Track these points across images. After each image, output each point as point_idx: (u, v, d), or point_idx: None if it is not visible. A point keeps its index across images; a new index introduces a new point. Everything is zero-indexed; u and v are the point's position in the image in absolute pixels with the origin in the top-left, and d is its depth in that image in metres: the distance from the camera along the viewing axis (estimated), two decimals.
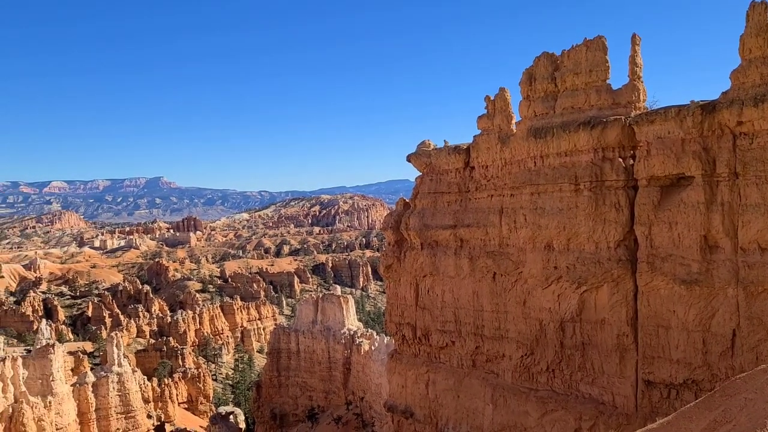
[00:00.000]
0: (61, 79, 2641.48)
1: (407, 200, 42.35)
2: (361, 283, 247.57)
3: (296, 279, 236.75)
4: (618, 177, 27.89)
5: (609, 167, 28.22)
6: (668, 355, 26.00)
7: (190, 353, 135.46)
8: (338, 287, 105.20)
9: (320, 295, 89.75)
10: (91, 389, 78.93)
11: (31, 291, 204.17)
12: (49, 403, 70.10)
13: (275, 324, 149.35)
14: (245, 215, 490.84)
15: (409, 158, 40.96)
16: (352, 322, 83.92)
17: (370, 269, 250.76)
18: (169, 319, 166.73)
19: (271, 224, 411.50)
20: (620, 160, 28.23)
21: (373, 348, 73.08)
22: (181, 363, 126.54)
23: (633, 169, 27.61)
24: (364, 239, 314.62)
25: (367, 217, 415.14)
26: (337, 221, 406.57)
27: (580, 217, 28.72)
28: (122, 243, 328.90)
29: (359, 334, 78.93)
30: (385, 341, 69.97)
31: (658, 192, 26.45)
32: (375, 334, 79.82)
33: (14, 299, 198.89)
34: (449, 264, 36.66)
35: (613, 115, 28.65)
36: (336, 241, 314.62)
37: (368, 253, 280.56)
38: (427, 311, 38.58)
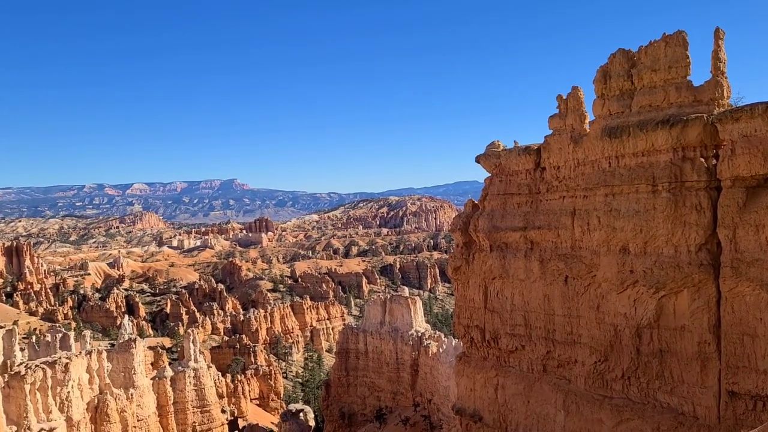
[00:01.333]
0: (141, 84, 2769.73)
1: (476, 202, 41.92)
2: (428, 284, 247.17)
3: (364, 280, 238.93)
4: (699, 177, 26.64)
5: (689, 167, 26.99)
6: (754, 365, 24.61)
7: (261, 351, 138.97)
8: (406, 288, 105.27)
9: (388, 296, 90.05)
10: (169, 383, 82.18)
11: (114, 288, 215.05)
12: (131, 395, 73.46)
13: (344, 324, 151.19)
14: (315, 216, 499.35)
15: (478, 159, 40.53)
16: (420, 323, 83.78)
17: (437, 271, 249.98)
18: (242, 317, 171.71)
19: (339, 225, 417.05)
20: (702, 159, 26.95)
21: (440, 350, 72.74)
22: (253, 360, 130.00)
23: (716, 170, 26.30)
24: (431, 241, 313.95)
25: (435, 218, 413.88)
26: (404, 223, 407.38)
27: (658, 219, 27.61)
28: (198, 243, 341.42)
29: (427, 336, 78.72)
30: (453, 344, 69.50)
31: (743, 193, 25.09)
32: (443, 336, 79.39)
33: (99, 296, 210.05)
34: (519, 266, 36.03)
35: (694, 113, 27.39)
36: (404, 243, 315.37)
37: (436, 254, 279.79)
38: (496, 314, 38.05)
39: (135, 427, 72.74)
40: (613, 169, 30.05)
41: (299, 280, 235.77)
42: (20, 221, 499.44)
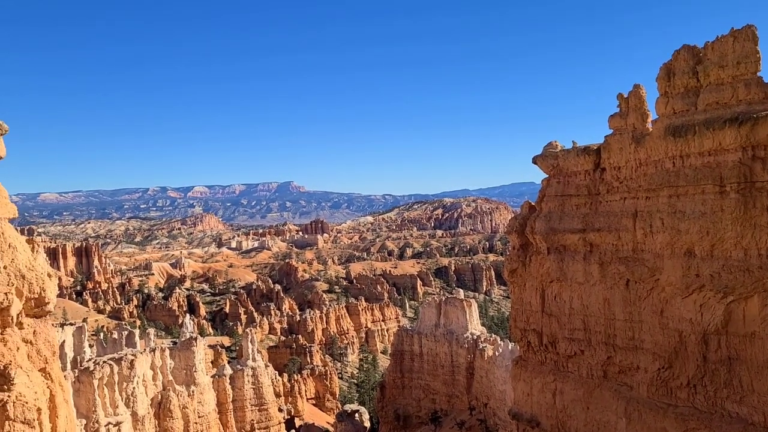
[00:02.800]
0: (203, 89, 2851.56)
1: (532, 203, 41.30)
2: (484, 287, 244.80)
3: (419, 282, 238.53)
4: None
5: (760, 167, 25.85)
6: None
7: (317, 351, 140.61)
8: (461, 291, 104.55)
9: (443, 299, 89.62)
10: (228, 381, 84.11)
11: (176, 288, 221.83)
12: (192, 392, 75.56)
13: (398, 325, 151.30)
14: (369, 218, 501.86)
15: (534, 160, 39.92)
16: (475, 326, 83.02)
17: (493, 273, 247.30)
18: (298, 318, 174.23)
19: (394, 227, 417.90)
20: None
21: (497, 354, 71.89)
22: (309, 360, 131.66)
23: None
24: (487, 243, 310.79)
25: (491, 220, 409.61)
26: (459, 224, 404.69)
27: (726, 221, 26.55)
28: (256, 244, 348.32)
29: (482, 339, 77.93)
30: (510, 347, 68.57)
31: None
32: (499, 339, 78.41)
33: (162, 295, 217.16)
34: (578, 269, 35.28)
35: (764, 111, 26.22)
36: (459, 245, 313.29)
37: (491, 257, 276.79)
38: (553, 318, 37.36)
39: (196, 423, 74.74)
40: (678, 169, 29.07)
41: (354, 281, 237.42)
42: (89, 223, 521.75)
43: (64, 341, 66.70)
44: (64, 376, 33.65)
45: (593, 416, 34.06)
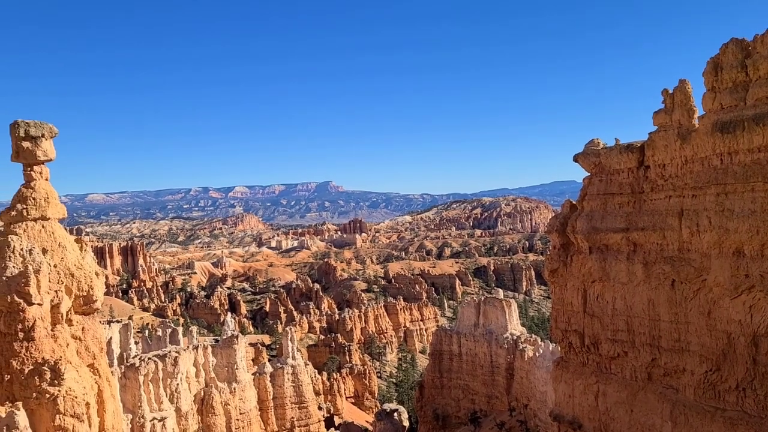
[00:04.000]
0: (242, 91, 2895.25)
1: (574, 202, 40.67)
2: (524, 287, 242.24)
3: (457, 281, 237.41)
4: None
5: None
6: None
7: (356, 350, 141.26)
8: (500, 291, 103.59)
9: (482, 298, 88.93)
10: (269, 379, 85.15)
11: (218, 286, 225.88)
12: (234, 389, 76.77)
13: (437, 325, 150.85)
14: (408, 218, 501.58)
15: (576, 158, 39.30)
16: (515, 326, 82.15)
17: (533, 273, 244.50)
18: (337, 317, 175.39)
19: (432, 226, 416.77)
20: None
21: (537, 354, 71.01)
22: (348, 359, 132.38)
23: None
24: (527, 242, 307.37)
25: (530, 219, 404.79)
26: (498, 224, 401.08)
27: None
28: (295, 244, 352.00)
29: (522, 340, 77.07)
30: (550, 348, 67.65)
31: None
32: (539, 340, 77.41)
33: (205, 293, 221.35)
34: (621, 269, 34.59)
35: None
36: (498, 244, 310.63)
37: (531, 256, 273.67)
38: (596, 318, 36.71)
39: (237, 419, 75.90)
40: (726, 166, 28.23)
41: (392, 280, 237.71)
42: (134, 223, 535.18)
43: (111, 338, 68.53)
44: (111, 372, 34.57)
45: (637, 419, 33.35)
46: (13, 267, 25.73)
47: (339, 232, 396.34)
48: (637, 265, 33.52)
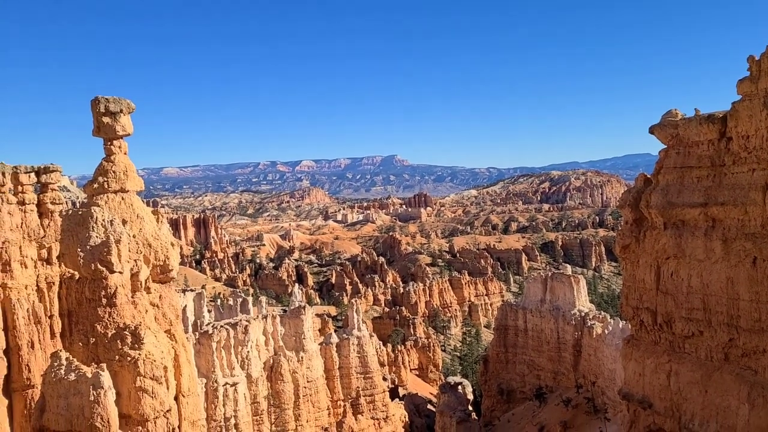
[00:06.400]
0: (309, 67, 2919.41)
1: (648, 176, 39.13)
2: (593, 263, 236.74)
3: (524, 256, 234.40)
4: None
5: None
6: None
7: (420, 323, 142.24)
8: (568, 266, 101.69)
9: (549, 274, 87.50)
10: (335, 349, 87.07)
11: (286, 258, 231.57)
12: (301, 358, 78.95)
13: (502, 300, 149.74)
14: (473, 192, 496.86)
15: (652, 130, 37.66)
16: (583, 303, 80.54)
17: (603, 249, 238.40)
18: (402, 290, 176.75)
19: (498, 201, 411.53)
20: None
21: (606, 332, 69.50)
22: (412, 332, 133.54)
23: None
24: (597, 217, 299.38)
25: (601, 194, 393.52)
26: (567, 198, 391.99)
27: None
28: (360, 217, 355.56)
29: (591, 316, 75.53)
30: (620, 325, 66.04)
31: None
32: (608, 317, 75.68)
33: (273, 265, 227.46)
34: (697, 246, 33.16)
35: None
36: (566, 219, 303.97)
37: (601, 231, 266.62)
38: (669, 296, 35.45)
39: (305, 387, 78.16)
40: None
41: (457, 255, 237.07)
42: (206, 196, 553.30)
43: (185, 306, 71.58)
44: (186, 339, 36.14)
45: (712, 400, 32.20)
46: (96, 237, 27.13)
47: (404, 206, 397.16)
48: (715, 241, 32.05)
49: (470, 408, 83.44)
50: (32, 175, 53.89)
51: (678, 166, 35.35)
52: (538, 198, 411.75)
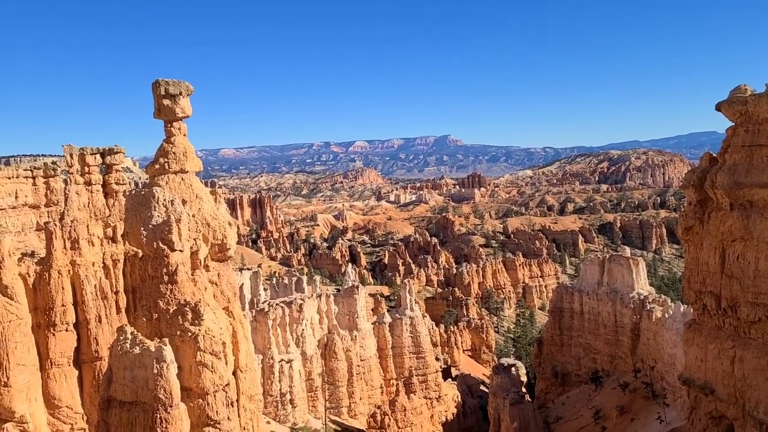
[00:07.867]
0: (366, 50, 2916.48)
1: (713, 155, 37.52)
2: (653, 245, 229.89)
3: (580, 238, 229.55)
4: None
5: None
6: None
7: (473, 304, 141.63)
8: (627, 248, 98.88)
9: (607, 256, 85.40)
10: (388, 328, 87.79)
11: (339, 238, 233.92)
12: (355, 337, 79.98)
13: (557, 282, 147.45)
14: (528, 172, 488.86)
15: (719, 107, 36.00)
16: (643, 286, 78.35)
17: (664, 230, 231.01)
18: (455, 271, 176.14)
19: (555, 181, 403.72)
20: None
21: (666, 315, 67.53)
22: (465, 313, 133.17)
23: None
24: (658, 198, 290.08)
25: (663, 173, 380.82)
26: (627, 178, 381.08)
27: None
28: (413, 198, 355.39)
29: (650, 300, 73.45)
30: (681, 309, 64.04)
31: None
32: (669, 300, 73.44)
33: (327, 245, 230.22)
34: (766, 228, 31.72)
35: None
36: (625, 200, 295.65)
37: (663, 213, 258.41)
38: (735, 280, 34.09)
39: (358, 365, 79.26)
40: None
41: (511, 236, 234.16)
42: (262, 176, 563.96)
43: (242, 284, 73.40)
44: (243, 316, 37.07)
45: None
46: (158, 216, 28.00)
47: (457, 187, 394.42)
48: None
49: (524, 390, 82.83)
50: (98, 156, 56.06)
51: (747, 144, 33.77)
52: (596, 178, 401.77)
